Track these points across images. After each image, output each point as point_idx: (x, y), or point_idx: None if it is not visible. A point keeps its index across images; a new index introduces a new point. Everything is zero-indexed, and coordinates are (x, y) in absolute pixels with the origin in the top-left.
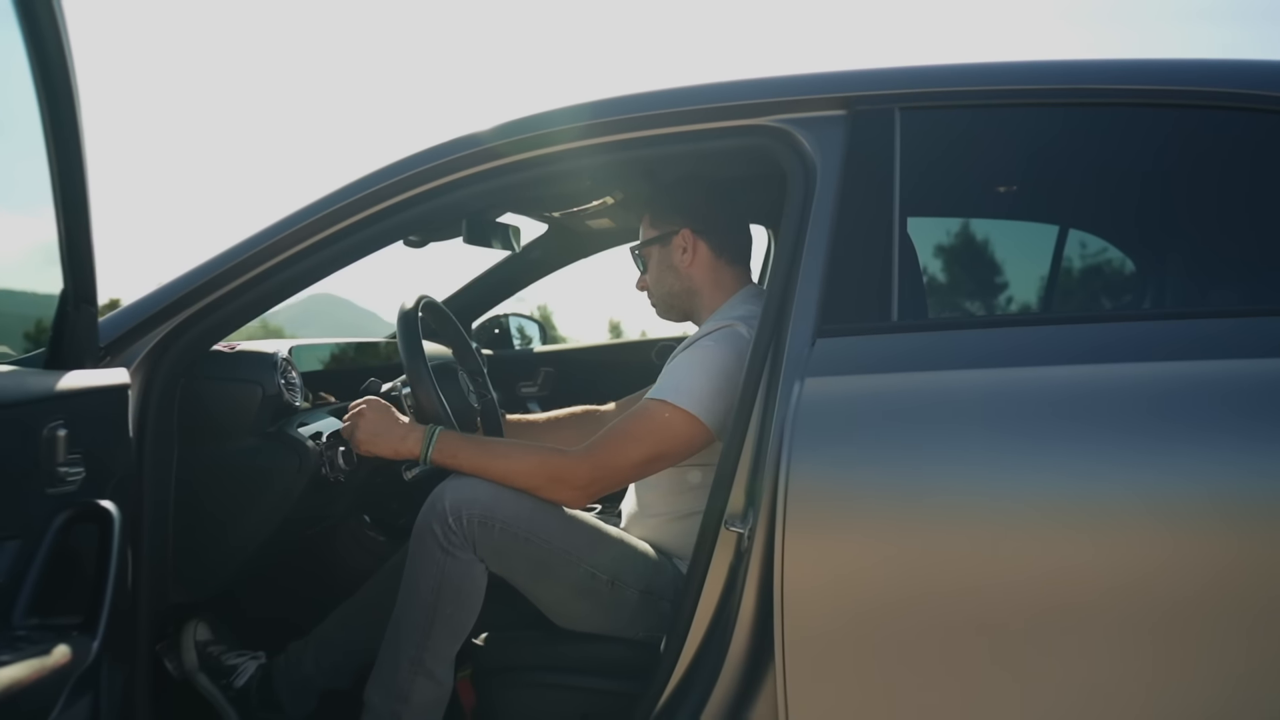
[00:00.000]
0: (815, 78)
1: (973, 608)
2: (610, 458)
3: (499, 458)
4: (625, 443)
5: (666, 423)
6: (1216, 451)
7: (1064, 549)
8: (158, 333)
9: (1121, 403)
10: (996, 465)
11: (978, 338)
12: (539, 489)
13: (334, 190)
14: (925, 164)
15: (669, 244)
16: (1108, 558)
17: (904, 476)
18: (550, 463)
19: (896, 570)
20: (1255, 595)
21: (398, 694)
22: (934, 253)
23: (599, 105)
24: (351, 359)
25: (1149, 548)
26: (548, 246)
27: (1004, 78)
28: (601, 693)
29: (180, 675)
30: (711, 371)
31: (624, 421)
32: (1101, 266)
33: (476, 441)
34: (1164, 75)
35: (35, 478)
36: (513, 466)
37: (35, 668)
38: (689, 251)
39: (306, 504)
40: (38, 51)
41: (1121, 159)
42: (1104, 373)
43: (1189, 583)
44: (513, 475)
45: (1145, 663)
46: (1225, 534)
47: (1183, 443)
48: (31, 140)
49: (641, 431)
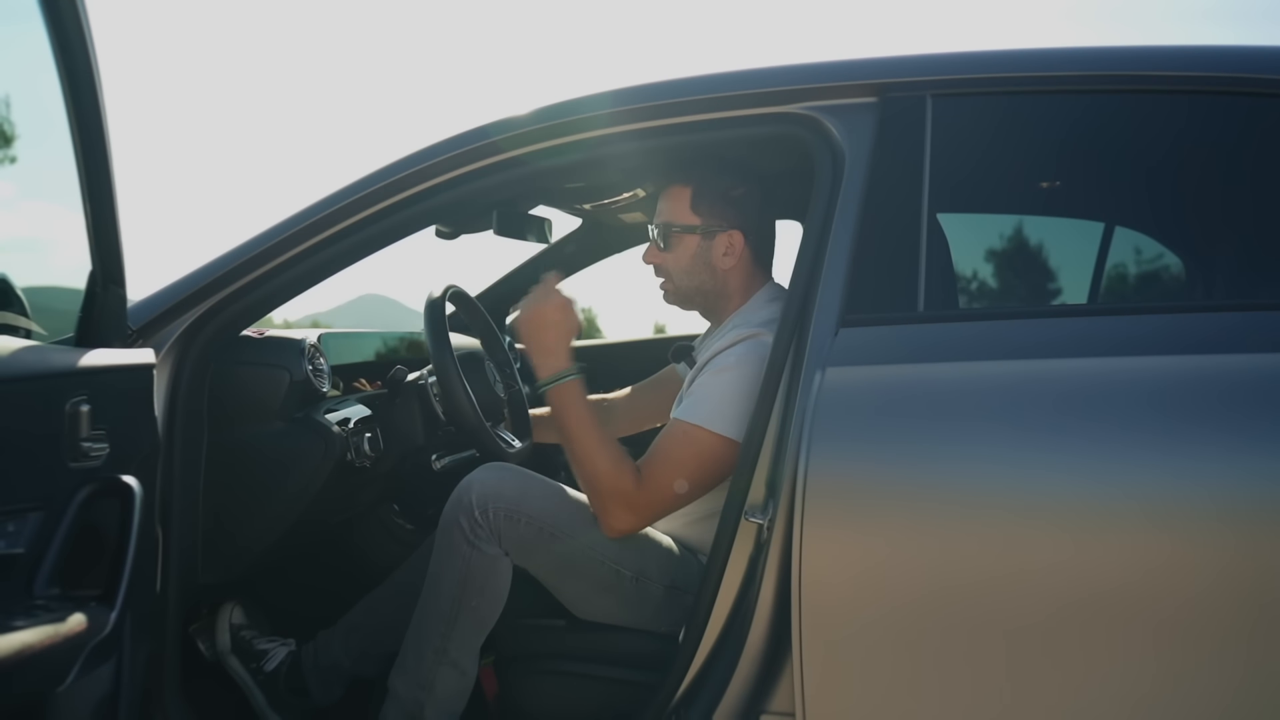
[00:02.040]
0: (846, 64)
1: (992, 603)
2: (661, 490)
3: (593, 441)
4: (672, 474)
5: (710, 450)
6: (1259, 444)
7: (1088, 546)
8: (188, 317)
9: (1155, 396)
10: (1020, 459)
11: (1005, 329)
12: (602, 496)
13: (363, 176)
14: (957, 152)
15: (711, 239)
16: (1135, 555)
17: (925, 469)
18: (622, 478)
19: (916, 563)
20: None
21: (422, 682)
22: (965, 244)
23: (627, 92)
24: (381, 349)
25: (1180, 544)
26: (581, 241)
27: (1044, 64)
28: (623, 683)
29: (212, 656)
30: (744, 389)
31: (667, 449)
32: (1138, 260)
33: (590, 414)
34: (1215, 61)
35: (59, 452)
36: (596, 457)
37: (48, 634)
38: (730, 254)
39: (333, 490)
40: (59, 36)
41: (1165, 150)
42: (1137, 366)
43: (1221, 581)
44: (590, 464)
45: (1173, 661)
46: (1267, 530)
47: (1219, 437)
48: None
49: (686, 459)
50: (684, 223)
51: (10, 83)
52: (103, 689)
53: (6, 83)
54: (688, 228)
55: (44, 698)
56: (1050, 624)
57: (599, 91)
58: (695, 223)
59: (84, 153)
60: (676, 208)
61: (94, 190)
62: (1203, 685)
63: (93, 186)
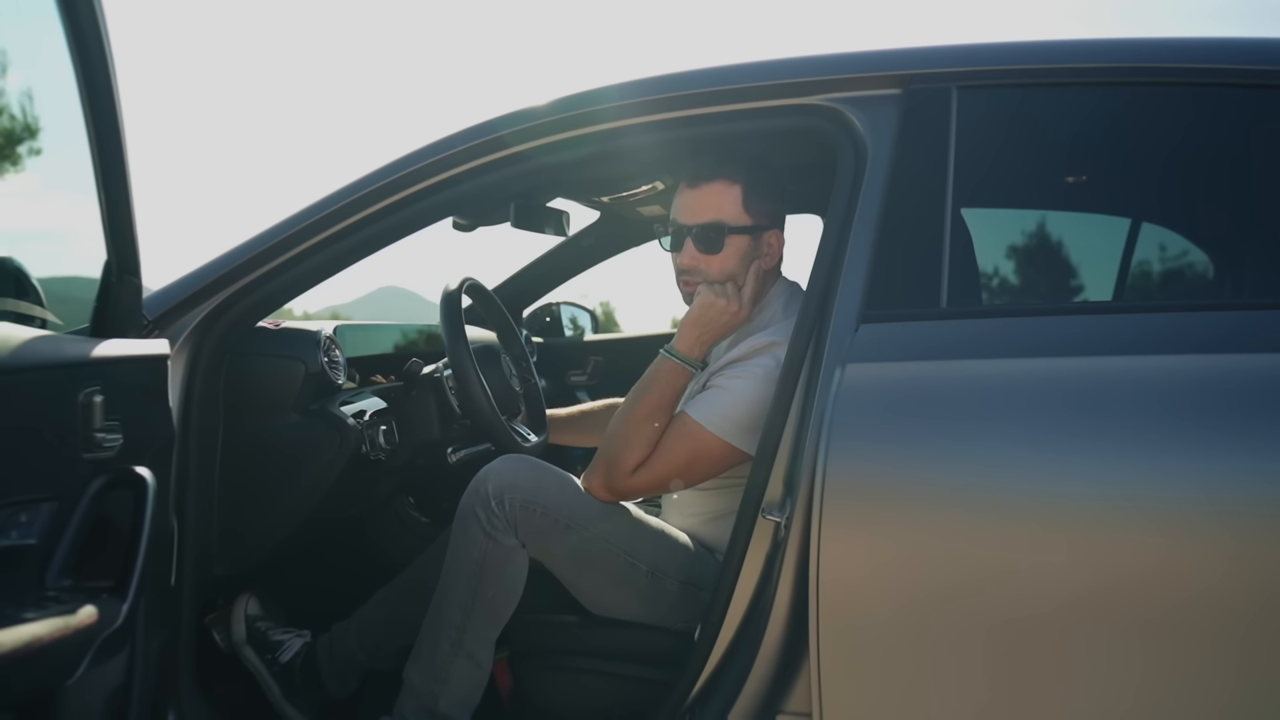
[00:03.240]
0: (870, 55)
1: (1010, 602)
2: (649, 478)
3: (646, 422)
4: (665, 466)
5: (708, 452)
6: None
7: (1111, 546)
8: (204, 308)
9: (1181, 395)
10: (1041, 458)
11: (1028, 325)
12: (601, 455)
13: (377, 168)
14: (982, 144)
15: (759, 238)
16: (1160, 554)
17: (944, 467)
18: (627, 465)
19: (934, 562)
20: None
21: (437, 674)
22: (988, 239)
23: (646, 83)
24: (397, 341)
25: (1204, 544)
26: (600, 233)
27: (1072, 55)
28: (638, 680)
29: (227, 647)
30: (757, 398)
31: (666, 441)
32: (1165, 257)
33: (671, 402)
34: (1242, 54)
35: (72, 442)
36: (636, 431)
37: (58, 626)
38: (771, 254)
39: (348, 482)
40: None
41: (1193, 145)
42: (1160, 364)
43: (1242, 580)
44: (625, 433)
45: (1188, 659)
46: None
47: (1244, 437)
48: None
49: (683, 455)
50: (738, 223)
51: (35, 78)
52: (115, 681)
53: (32, 77)
54: (742, 228)
55: (54, 690)
56: (1068, 624)
57: (619, 82)
58: (748, 222)
59: (99, 144)
60: (726, 206)
61: (109, 181)
62: (1219, 690)
63: (108, 178)
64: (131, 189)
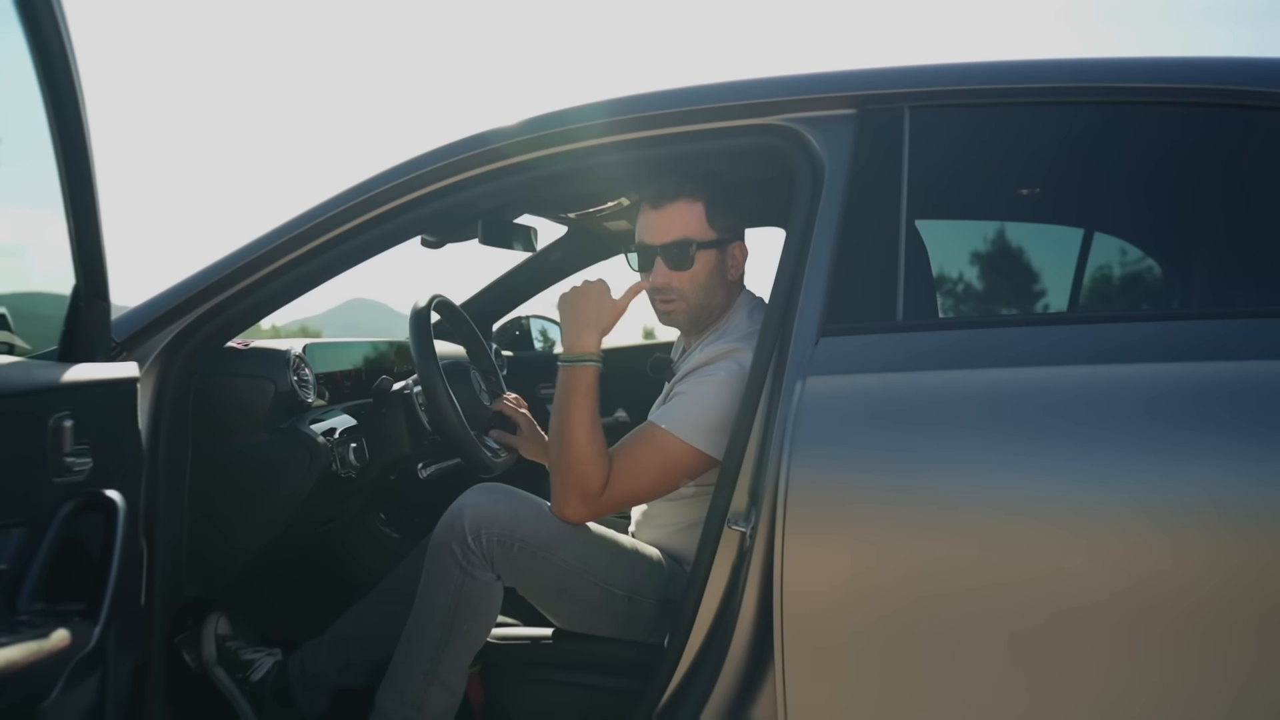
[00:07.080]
0: (825, 77)
1: (972, 610)
2: (622, 490)
3: (584, 431)
4: (636, 476)
5: (677, 459)
6: (1221, 455)
7: (1067, 552)
8: (172, 329)
9: (1130, 404)
10: (1000, 466)
11: (983, 337)
12: (565, 485)
13: (347, 188)
14: (935, 163)
15: (725, 251)
16: (1112, 561)
17: (905, 477)
18: (593, 479)
19: (896, 572)
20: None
21: (411, 702)
22: (944, 253)
23: (611, 104)
24: (367, 358)
25: (1155, 551)
26: (568, 248)
27: (1017, 76)
28: (608, 690)
29: (198, 667)
30: (724, 403)
31: (636, 451)
32: (1114, 267)
33: (592, 404)
34: (1182, 73)
35: (42, 467)
36: (580, 447)
37: (31, 650)
38: (736, 265)
39: (319, 500)
40: (38, 45)
41: (1138, 159)
42: (1113, 374)
43: (1196, 586)
44: (571, 451)
45: (1151, 667)
46: (1229, 538)
47: (1191, 446)
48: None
49: (653, 464)
50: (704, 238)
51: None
52: (88, 702)
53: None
54: (708, 242)
55: (28, 714)
56: (1029, 631)
57: (587, 103)
58: (714, 236)
59: (67, 165)
60: (691, 223)
61: (77, 203)
62: (1186, 693)
63: (75, 199)
64: (100, 211)
